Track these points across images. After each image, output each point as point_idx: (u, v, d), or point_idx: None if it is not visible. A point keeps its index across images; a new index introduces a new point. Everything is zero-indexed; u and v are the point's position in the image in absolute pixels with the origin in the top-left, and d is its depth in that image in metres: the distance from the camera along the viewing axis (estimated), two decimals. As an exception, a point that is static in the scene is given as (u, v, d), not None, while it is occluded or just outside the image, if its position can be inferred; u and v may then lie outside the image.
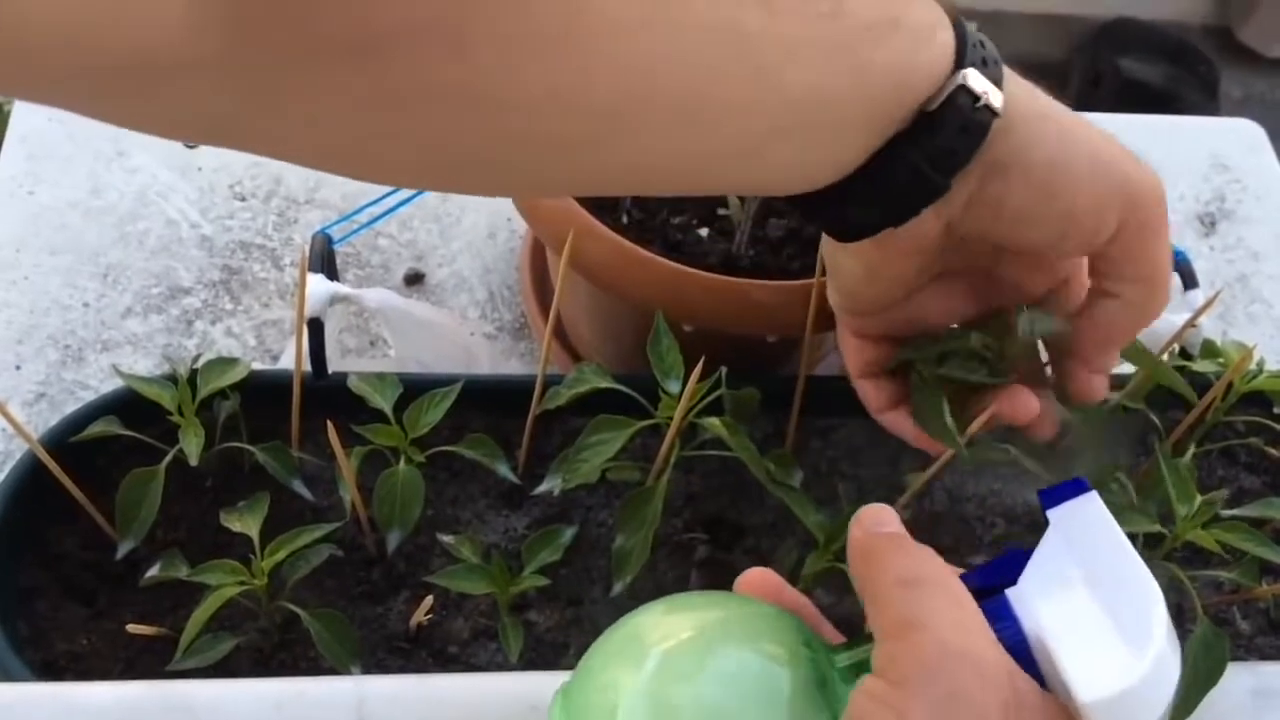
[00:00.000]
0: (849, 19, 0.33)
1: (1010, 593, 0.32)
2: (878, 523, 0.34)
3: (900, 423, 0.47)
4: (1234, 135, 0.86)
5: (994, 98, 0.36)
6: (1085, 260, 0.44)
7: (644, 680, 0.32)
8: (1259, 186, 0.83)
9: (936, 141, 0.36)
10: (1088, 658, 0.30)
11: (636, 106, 0.31)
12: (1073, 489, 0.34)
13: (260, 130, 0.29)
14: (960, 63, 0.36)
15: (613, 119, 0.31)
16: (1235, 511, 0.51)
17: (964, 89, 0.36)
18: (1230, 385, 0.54)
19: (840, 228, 0.41)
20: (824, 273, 0.49)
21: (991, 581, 0.33)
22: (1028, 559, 0.33)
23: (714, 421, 0.49)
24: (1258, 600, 0.55)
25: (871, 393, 0.47)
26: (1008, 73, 0.38)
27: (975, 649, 0.29)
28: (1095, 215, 0.39)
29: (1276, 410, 0.57)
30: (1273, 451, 0.58)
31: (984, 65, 0.37)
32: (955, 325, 0.46)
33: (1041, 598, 0.32)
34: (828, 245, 0.45)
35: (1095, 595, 0.31)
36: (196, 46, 0.26)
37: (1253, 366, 0.56)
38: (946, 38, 0.37)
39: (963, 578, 0.33)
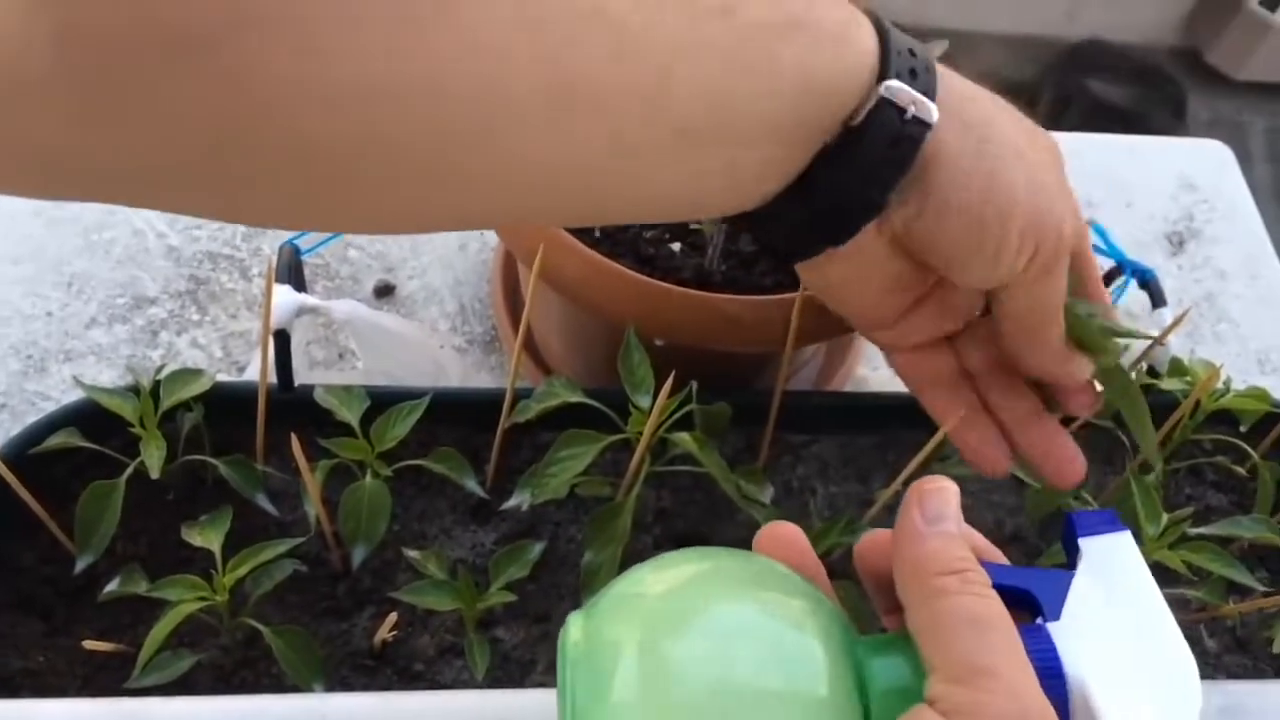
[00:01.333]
0: (740, 17, 0.32)
1: (1053, 628, 0.32)
2: (938, 515, 0.32)
3: (974, 440, 0.45)
4: (1202, 155, 0.87)
5: (924, 110, 0.35)
6: None
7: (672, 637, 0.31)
8: (1226, 207, 0.84)
9: (864, 157, 0.34)
10: None
11: (500, 92, 0.29)
12: (1105, 521, 0.33)
13: (105, 164, 0.27)
14: (885, 73, 0.34)
15: (479, 107, 0.29)
16: (1202, 530, 0.51)
17: (887, 101, 0.34)
18: (1198, 404, 0.55)
19: (783, 247, 0.39)
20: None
21: (1011, 587, 0.32)
22: (1058, 583, 0.32)
23: (684, 437, 0.49)
24: (1225, 619, 0.55)
25: (942, 409, 0.45)
26: (945, 80, 0.36)
27: (1039, 705, 0.29)
28: (1018, 247, 0.38)
29: (1243, 429, 0.58)
30: (1239, 470, 0.59)
31: (913, 76, 0.35)
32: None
33: (1083, 642, 0.31)
34: (802, 275, 0.44)
35: (1135, 651, 0.31)
36: (27, 62, 0.24)
37: (1220, 385, 0.56)
38: (866, 44, 0.35)
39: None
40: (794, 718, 0.29)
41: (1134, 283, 0.68)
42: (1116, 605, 0.32)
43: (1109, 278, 0.68)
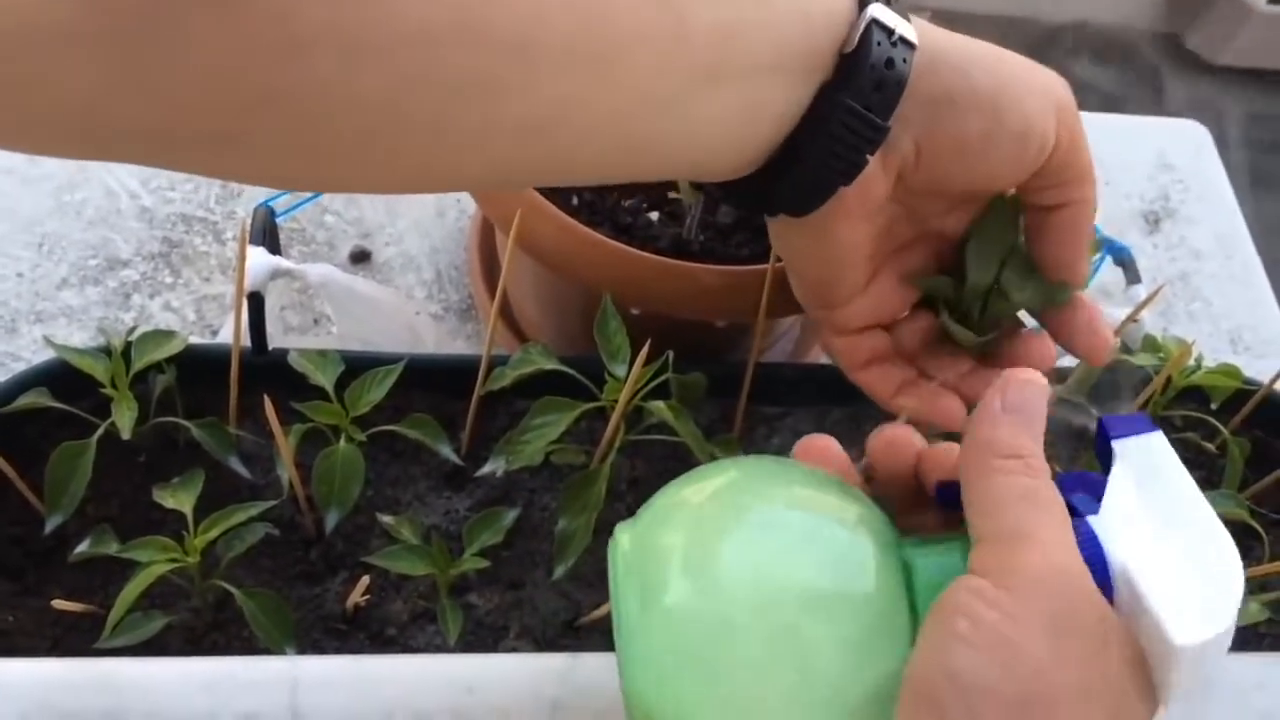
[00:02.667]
0: None
1: (1093, 520, 0.33)
2: (1018, 406, 0.34)
3: (919, 399, 0.45)
4: (1180, 136, 0.88)
5: (906, 30, 0.37)
6: None
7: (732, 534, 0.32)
8: (1202, 187, 0.84)
9: (863, 80, 0.36)
10: (1175, 601, 0.31)
11: (539, 38, 0.29)
12: (1137, 423, 0.35)
13: (138, 120, 0.27)
14: (864, 3, 0.37)
15: (520, 53, 0.29)
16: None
17: (876, 24, 0.36)
18: (1169, 380, 0.55)
19: (795, 198, 0.40)
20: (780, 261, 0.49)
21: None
22: (1097, 484, 0.34)
23: (659, 405, 0.49)
24: (1191, 592, 0.56)
25: (879, 383, 0.45)
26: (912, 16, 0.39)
27: (1078, 567, 0.31)
28: (1042, 128, 0.39)
29: (1214, 405, 0.58)
30: (1209, 446, 0.59)
31: (888, 3, 0.37)
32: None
33: (1125, 531, 0.32)
34: (780, 240, 0.44)
35: (1173, 536, 0.32)
36: (50, 9, 0.24)
37: (1191, 362, 0.56)
38: None
39: None
40: (842, 613, 0.31)
41: (1110, 259, 0.68)
42: (1155, 498, 0.33)
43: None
